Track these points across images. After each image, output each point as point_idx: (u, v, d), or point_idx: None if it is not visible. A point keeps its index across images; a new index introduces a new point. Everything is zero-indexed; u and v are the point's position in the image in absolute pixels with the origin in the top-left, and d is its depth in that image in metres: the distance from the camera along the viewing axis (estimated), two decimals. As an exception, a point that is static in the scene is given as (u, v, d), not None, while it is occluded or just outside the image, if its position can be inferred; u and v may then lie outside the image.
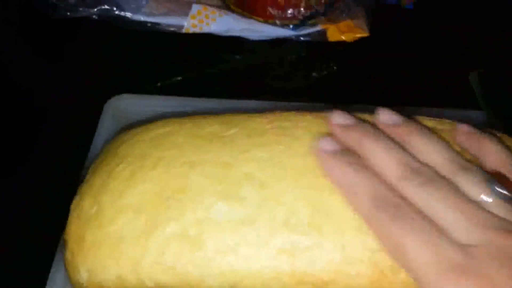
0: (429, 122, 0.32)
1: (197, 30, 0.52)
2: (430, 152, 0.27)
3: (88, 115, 0.45)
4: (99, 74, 0.52)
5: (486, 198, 0.25)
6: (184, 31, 0.52)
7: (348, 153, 0.27)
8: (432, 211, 0.24)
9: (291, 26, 0.55)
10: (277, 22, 0.54)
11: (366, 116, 0.31)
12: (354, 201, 0.26)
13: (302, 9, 0.53)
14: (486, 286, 0.22)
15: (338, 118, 0.29)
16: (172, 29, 0.52)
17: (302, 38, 0.56)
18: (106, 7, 0.51)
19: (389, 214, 0.24)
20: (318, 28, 0.55)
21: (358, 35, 0.55)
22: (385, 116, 0.29)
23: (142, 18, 0.51)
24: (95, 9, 0.51)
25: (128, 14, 0.51)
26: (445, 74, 0.54)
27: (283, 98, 0.45)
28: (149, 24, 0.51)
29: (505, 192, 0.25)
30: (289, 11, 0.53)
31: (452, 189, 0.25)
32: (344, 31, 0.55)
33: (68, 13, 0.51)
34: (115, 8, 0.51)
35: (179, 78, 0.54)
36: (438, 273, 0.23)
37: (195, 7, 0.51)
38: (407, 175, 0.26)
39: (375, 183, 0.26)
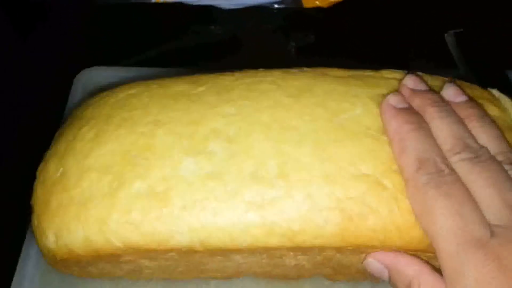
0: (399, 75, 0.32)
1: (168, -1, 0.51)
2: (486, 138, 0.27)
3: (59, 88, 0.45)
4: (70, 49, 0.51)
5: None
6: (154, 0, 0.51)
7: (411, 112, 0.28)
8: (471, 186, 0.25)
9: (264, -7, 0.54)
10: (250, -11, 0.54)
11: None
12: (400, 157, 0.26)
13: (274, -26, 0.53)
14: (496, 266, 0.23)
15: (411, 81, 0.30)
16: (142, -1, 0.51)
17: (276, 6, 0.55)
18: (74, -21, 0.50)
19: (430, 177, 0.25)
20: (292, -6, 0.54)
21: (333, 0, 0.55)
22: (450, 92, 0.29)
23: (110, -11, 0.50)
24: (62, -18, 0.50)
25: (97, -14, 0.50)
26: (422, 35, 0.54)
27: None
28: (118, -5, 0.50)
29: None
30: (262, -23, 0.53)
31: (497, 172, 0.25)
32: (319, -4, 0.54)
33: (36, -13, 0.50)
34: (82, -20, 0.50)
35: (153, 51, 0.53)
36: (459, 243, 0.23)
37: (165, -24, 0.50)
38: (460, 148, 0.26)
39: (425, 146, 0.26)
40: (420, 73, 0.32)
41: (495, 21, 0.55)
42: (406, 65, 0.43)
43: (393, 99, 0.28)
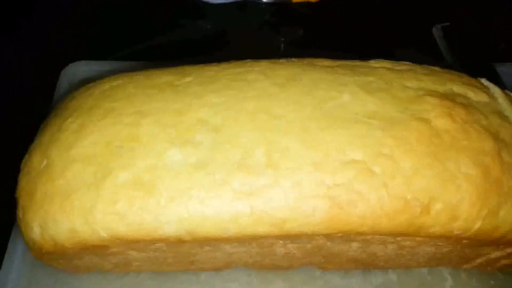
0: (387, 64, 0.32)
1: (155, -7, 0.51)
2: None
3: (46, 83, 0.44)
4: (56, 43, 0.50)
5: None
6: (141, -5, 0.50)
7: None
8: None
9: (252, -13, 0.54)
10: (238, -17, 0.53)
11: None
12: None
13: (262, -32, 0.52)
14: None
15: None
16: (129, -6, 0.50)
17: (264, 0, 0.55)
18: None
19: None
20: (280, -12, 0.54)
21: (321, -6, 0.54)
22: None
23: (97, -17, 0.50)
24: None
25: (82, -20, 0.49)
26: (410, 29, 0.54)
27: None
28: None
29: None
30: (249, -29, 0.52)
31: None
32: (307, -10, 0.54)
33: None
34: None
35: (140, 45, 0.52)
36: None
37: (151, -30, 0.50)
38: None
39: None
40: (408, 63, 0.33)
41: (481, 15, 0.55)
42: (394, 58, 0.43)
43: None
